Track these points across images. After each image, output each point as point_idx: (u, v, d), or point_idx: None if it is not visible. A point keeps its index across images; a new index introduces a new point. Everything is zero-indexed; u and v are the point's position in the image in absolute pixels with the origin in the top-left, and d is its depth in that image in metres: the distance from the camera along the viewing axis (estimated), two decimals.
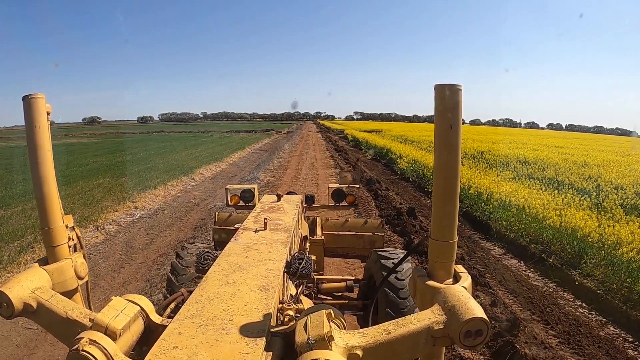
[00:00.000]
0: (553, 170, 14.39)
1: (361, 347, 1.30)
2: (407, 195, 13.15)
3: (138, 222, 10.06)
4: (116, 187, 14.32)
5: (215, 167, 20.48)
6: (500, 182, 11.82)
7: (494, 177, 12.85)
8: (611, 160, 17.64)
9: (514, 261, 7.50)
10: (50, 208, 1.76)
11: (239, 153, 27.73)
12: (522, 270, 7.12)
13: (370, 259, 3.53)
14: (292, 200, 3.60)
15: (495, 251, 8.04)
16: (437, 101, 1.45)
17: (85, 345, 1.28)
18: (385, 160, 22.50)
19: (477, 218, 10.02)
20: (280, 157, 24.57)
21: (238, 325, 1.44)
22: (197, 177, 16.92)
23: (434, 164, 1.52)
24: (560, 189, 10.96)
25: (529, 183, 11.77)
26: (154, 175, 16.66)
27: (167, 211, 11.29)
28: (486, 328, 1.34)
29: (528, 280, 6.64)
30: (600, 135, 70.35)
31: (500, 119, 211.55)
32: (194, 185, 15.38)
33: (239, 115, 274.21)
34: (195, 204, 12.11)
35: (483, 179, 11.81)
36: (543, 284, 6.53)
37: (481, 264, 7.24)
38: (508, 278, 6.63)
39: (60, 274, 1.77)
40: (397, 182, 15.90)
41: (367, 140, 32.12)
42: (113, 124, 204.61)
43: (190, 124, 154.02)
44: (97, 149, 34.38)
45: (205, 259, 2.15)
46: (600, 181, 11.88)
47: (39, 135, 1.71)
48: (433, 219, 1.57)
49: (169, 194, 13.53)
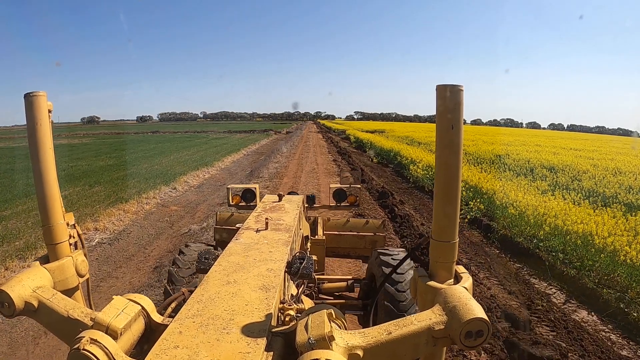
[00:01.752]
0: (588, 179, 12.41)
1: (362, 347, 1.30)
2: (426, 210, 10.96)
3: (92, 252, 7.77)
4: (83, 200, 12.05)
5: (204, 173, 18.25)
6: (536, 195, 9.92)
7: (527, 188, 10.88)
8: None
9: (583, 313, 5.65)
10: (51, 205, 1.76)
11: (232, 156, 25.41)
12: (599, 328, 5.25)
13: (371, 259, 3.54)
14: (294, 200, 3.61)
15: (556, 297, 6.14)
16: (439, 102, 1.45)
17: (86, 345, 1.28)
18: (393, 165, 20.42)
19: (521, 245, 8.03)
20: (277, 162, 22.41)
21: (239, 324, 1.44)
22: (180, 187, 14.83)
23: (436, 165, 1.53)
24: (608, 204, 9.24)
25: (571, 197, 9.75)
26: (132, 184, 14.76)
27: (133, 234, 9.10)
28: (487, 329, 1.34)
29: (613, 347, 4.76)
30: (611, 136, 69.27)
31: (502, 119, 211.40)
32: (174, 197, 13.22)
33: (239, 115, 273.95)
34: (169, 224, 9.97)
35: (519, 193, 9.81)
36: (634, 353, 4.69)
37: (545, 319, 5.32)
38: (587, 346, 4.68)
39: (61, 272, 1.78)
40: (411, 192, 13.98)
41: (371, 141, 30.15)
42: (112, 123, 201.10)
43: (189, 123, 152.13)
44: (82, 152, 32.11)
45: (206, 258, 2.16)
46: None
47: (40, 133, 1.71)
48: (434, 220, 1.56)
49: (142, 209, 11.31)
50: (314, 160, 23.31)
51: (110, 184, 15.04)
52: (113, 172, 18.74)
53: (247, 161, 23.76)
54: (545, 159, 17.15)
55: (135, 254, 7.84)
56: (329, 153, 27.26)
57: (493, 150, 20.19)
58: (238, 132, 65.43)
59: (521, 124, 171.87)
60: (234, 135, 54.46)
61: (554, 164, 15.87)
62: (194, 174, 17.47)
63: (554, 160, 16.70)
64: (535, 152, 20.10)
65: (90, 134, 71.14)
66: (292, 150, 29.60)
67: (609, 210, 8.38)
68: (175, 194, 13.88)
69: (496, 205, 9.85)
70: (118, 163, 22.88)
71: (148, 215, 10.80)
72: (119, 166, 21.21)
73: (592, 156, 19.76)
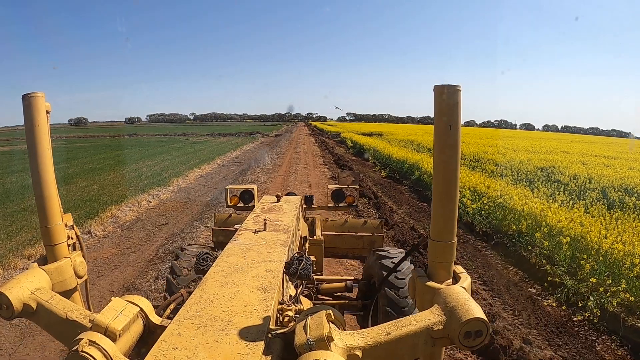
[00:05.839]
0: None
1: (360, 348, 1.30)
2: (516, 295, 6.17)
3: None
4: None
5: (151, 198, 12.70)
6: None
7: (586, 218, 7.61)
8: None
9: None
10: (49, 206, 1.76)
11: (202, 168, 19.98)
12: None
13: (369, 259, 3.54)
14: (292, 201, 3.61)
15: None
16: (437, 102, 1.46)
17: (85, 346, 1.28)
18: (410, 182, 15.30)
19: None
20: (256, 177, 16.58)
21: (238, 326, 1.44)
22: (101, 227, 9.35)
23: (434, 165, 1.53)
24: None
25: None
26: (27, 224, 9.33)
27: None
28: (486, 328, 1.34)
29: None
30: (615, 138, 68.68)
31: (496, 120, 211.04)
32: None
33: (229, 117, 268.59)
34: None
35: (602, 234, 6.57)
36: None
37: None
38: None
39: (59, 274, 1.77)
40: (461, 238, 8.69)
41: (374, 148, 24.51)
42: (100, 125, 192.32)
43: (176, 125, 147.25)
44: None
45: (204, 259, 2.15)
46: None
47: (38, 134, 1.71)
48: (432, 220, 1.57)
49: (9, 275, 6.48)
50: (304, 175, 16.68)
51: (9, 218, 9.99)
52: (25, 197, 12.57)
53: (217, 177, 17.62)
54: (596, 174, 13.16)
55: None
56: (325, 164, 21.02)
57: (529, 160, 16.61)
58: (222, 134, 59.97)
59: (515, 125, 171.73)
60: (216, 139, 49.00)
61: (615, 182, 11.73)
62: (135, 200, 11.98)
63: (592, 174, 13.15)
64: (578, 164, 15.95)
65: (64, 137, 61.28)
66: (277, 160, 22.93)
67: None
68: (88, 242, 8.36)
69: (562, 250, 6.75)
70: (59, 177, 13.45)
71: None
72: (18, 192, 13.97)
73: (632, 165, 16.54)
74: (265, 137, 50.94)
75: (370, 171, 19.11)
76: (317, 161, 22.58)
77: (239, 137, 51.90)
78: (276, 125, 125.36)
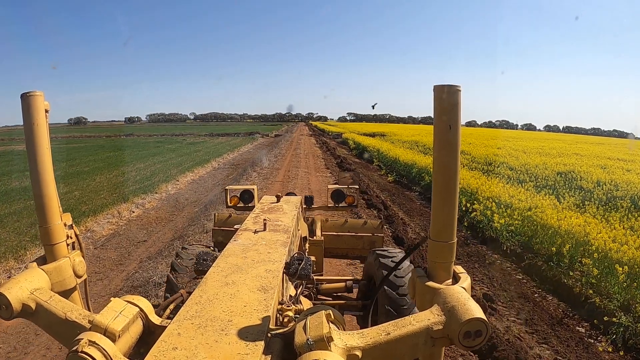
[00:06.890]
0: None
1: (360, 348, 1.30)
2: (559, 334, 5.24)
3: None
4: None
5: (136, 206, 11.72)
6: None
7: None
8: None
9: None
10: (48, 206, 1.76)
11: (196, 171, 18.87)
12: None
13: (369, 259, 3.54)
14: (292, 201, 3.61)
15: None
16: (436, 102, 1.45)
17: (84, 347, 1.27)
18: (419, 188, 14.30)
19: None
20: (252, 182, 14.73)
21: (237, 326, 1.43)
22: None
23: (433, 165, 1.53)
24: None
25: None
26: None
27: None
28: (485, 329, 1.34)
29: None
30: (617, 139, 68.06)
31: (497, 120, 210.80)
32: None
33: (229, 116, 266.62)
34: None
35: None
36: None
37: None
38: None
39: (58, 273, 1.77)
40: (484, 257, 7.72)
41: (378, 149, 23.54)
42: (100, 124, 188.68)
43: (176, 125, 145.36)
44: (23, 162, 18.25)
45: (204, 260, 2.15)
46: None
47: (37, 133, 1.71)
48: (432, 220, 1.57)
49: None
50: (305, 181, 15.28)
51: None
52: (13, 202, 11.78)
53: (212, 181, 16.63)
54: (620, 179, 12.45)
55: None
56: (327, 167, 19.73)
57: (556, 166, 15.53)
58: (221, 134, 58.05)
59: (516, 126, 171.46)
60: (214, 139, 47.27)
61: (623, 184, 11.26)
62: (116, 210, 10.91)
63: (616, 179, 12.46)
64: (597, 168, 15.15)
65: (60, 137, 58.83)
66: (276, 164, 21.52)
67: None
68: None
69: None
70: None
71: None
72: (20, 192, 13.43)
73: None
74: (265, 138, 49.85)
75: (375, 175, 17.89)
76: (318, 164, 21.18)
77: (237, 138, 50.61)
78: (276, 125, 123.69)
